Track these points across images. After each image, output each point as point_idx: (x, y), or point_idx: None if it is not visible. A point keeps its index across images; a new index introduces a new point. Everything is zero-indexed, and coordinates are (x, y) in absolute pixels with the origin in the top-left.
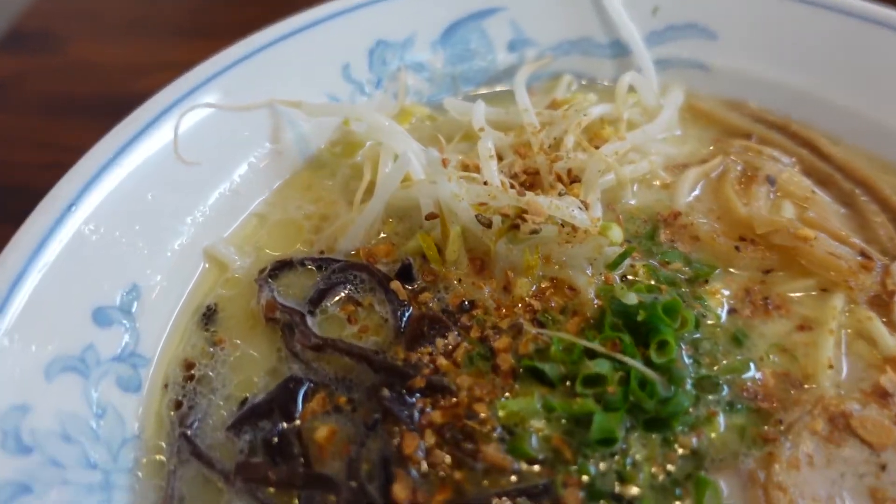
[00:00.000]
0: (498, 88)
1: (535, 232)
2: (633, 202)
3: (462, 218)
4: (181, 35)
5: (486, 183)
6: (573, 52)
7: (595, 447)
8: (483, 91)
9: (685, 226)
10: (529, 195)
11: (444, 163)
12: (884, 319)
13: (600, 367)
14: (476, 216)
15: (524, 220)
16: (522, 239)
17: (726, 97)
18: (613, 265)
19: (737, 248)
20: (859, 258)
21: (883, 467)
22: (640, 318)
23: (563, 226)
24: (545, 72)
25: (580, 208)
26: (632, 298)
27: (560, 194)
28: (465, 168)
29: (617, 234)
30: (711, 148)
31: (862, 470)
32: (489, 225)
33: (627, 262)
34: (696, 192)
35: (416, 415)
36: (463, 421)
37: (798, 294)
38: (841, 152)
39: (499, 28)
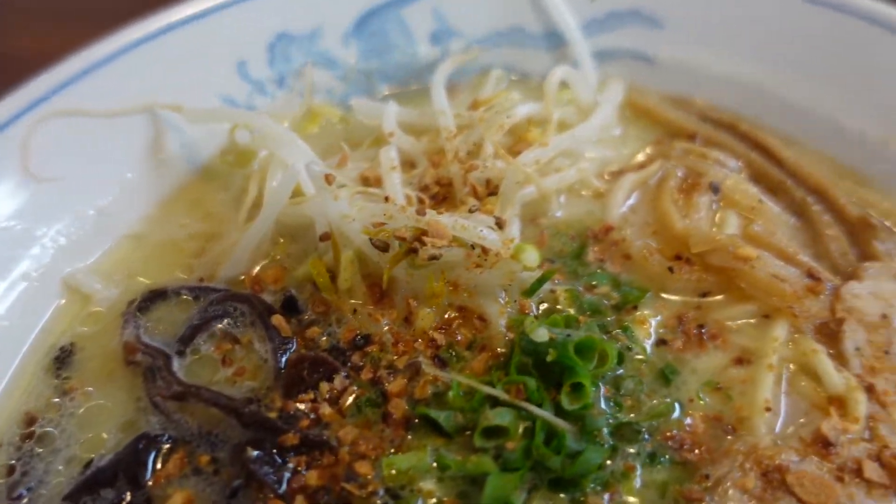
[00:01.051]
0: (417, 87)
1: (434, 258)
2: (560, 214)
3: (355, 241)
4: (55, 18)
5: (387, 199)
6: (504, 44)
7: None
8: (414, 88)
9: (617, 242)
10: (431, 214)
11: (328, 179)
12: (831, 351)
13: (501, 417)
14: (370, 240)
15: (423, 243)
16: (424, 264)
17: (672, 92)
18: (530, 292)
19: (670, 269)
20: (806, 280)
21: None
22: (549, 358)
23: (472, 248)
24: (473, 66)
25: (492, 227)
26: (542, 335)
27: (471, 210)
28: (366, 181)
29: (532, 257)
30: (649, 151)
31: None
32: (385, 249)
33: (547, 286)
34: (632, 202)
35: (287, 478)
36: (341, 484)
37: (737, 322)
38: (794, 156)
39: (420, 18)
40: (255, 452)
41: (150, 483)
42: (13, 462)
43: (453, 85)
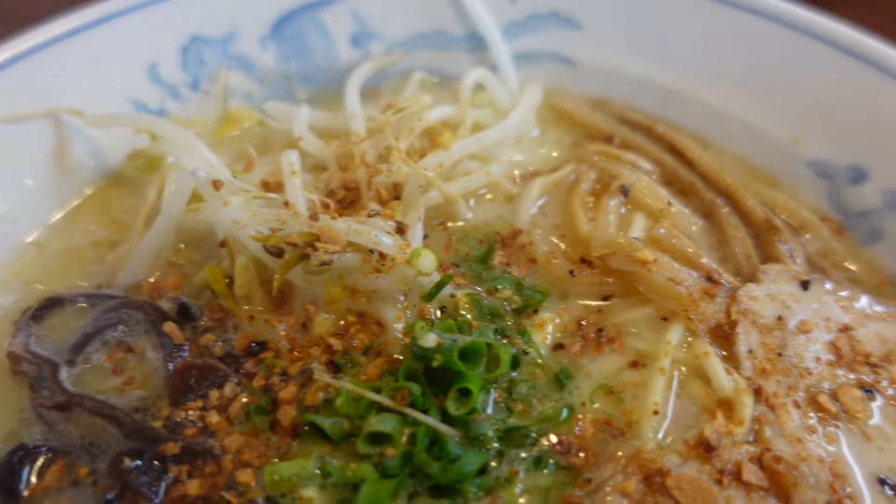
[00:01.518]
0: (338, 90)
1: (325, 263)
2: (470, 217)
3: (250, 247)
4: None
5: (287, 204)
6: (426, 47)
7: None
8: (335, 91)
9: (524, 246)
10: (324, 220)
11: (216, 185)
12: (724, 353)
13: (384, 423)
14: (264, 246)
15: (315, 248)
16: (319, 270)
17: (592, 94)
18: (429, 297)
19: (571, 272)
20: (704, 283)
21: None
22: (435, 363)
23: (371, 253)
24: (395, 69)
25: (389, 232)
26: (430, 340)
27: (370, 215)
28: (267, 186)
29: (427, 262)
30: (555, 154)
31: None
32: (279, 255)
33: (449, 291)
34: (542, 203)
35: (164, 487)
36: (220, 491)
37: (637, 326)
38: (708, 158)
39: (339, 20)
40: (134, 462)
41: (25, 495)
42: None
43: (374, 89)
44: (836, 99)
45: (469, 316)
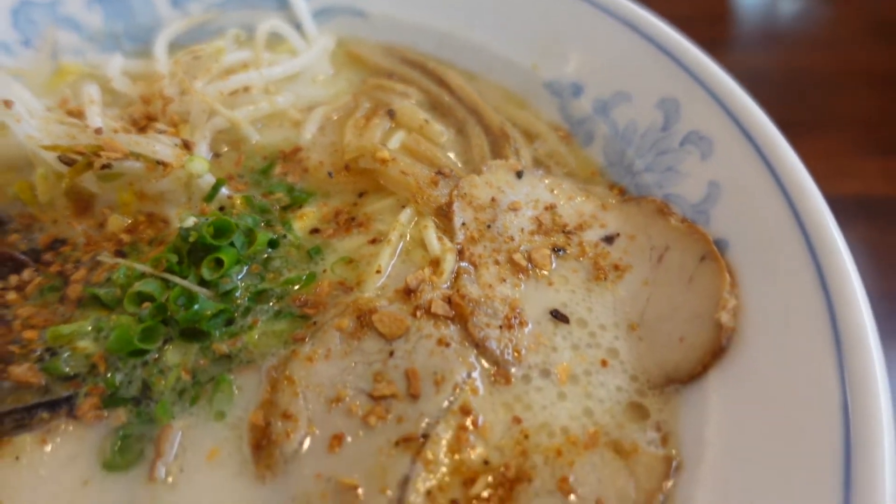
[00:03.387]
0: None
1: (106, 166)
2: (259, 139)
3: (47, 159)
4: None
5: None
6: (240, 7)
7: (125, 359)
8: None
9: (301, 160)
10: (108, 133)
11: (7, 104)
12: (444, 228)
13: (146, 285)
14: (58, 156)
15: (98, 156)
16: (113, 176)
17: (383, 41)
18: (208, 198)
19: (329, 174)
20: (436, 175)
21: (391, 353)
22: (191, 238)
23: (158, 164)
24: (212, 27)
25: (167, 145)
26: (189, 221)
27: (158, 132)
28: (70, 113)
29: (199, 165)
30: (345, 90)
31: (373, 358)
32: (71, 164)
33: (226, 194)
34: (323, 127)
35: None
36: (7, 346)
37: (381, 213)
38: (470, 86)
39: None
40: None
41: None
42: None
43: (194, 44)
44: (563, 31)
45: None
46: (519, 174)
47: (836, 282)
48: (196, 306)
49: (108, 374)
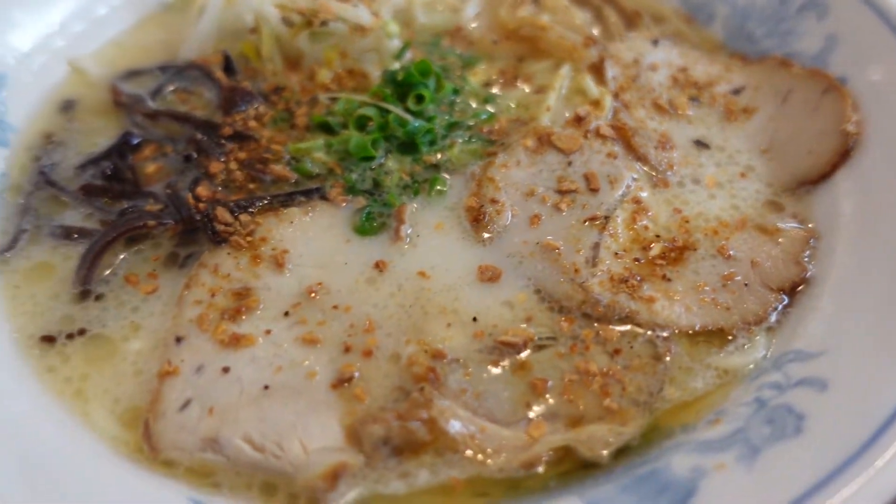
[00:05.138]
0: None
1: (325, 24)
2: (424, 20)
3: (271, 22)
4: None
5: None
6: None
7: (358, 163)
8: None
9: (465, 35)
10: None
11: None
12: (597, 78)
13: (367, 110)
14: (282, 17)
15: (317, 17)
16: (322, 38)
17: None
18: (398, 55)
19: (494, 41)
20: (585, 40)
21: (569, 163)
22: (400, 78)
23: (356, 29)
24: None
25: (367, 12)
26: (395, 65)
27: (354, 5)
28: None
29: (393, 28)
30: None
31: (555, 167)
32: (292, 24)
33: (408, 56)
34: (478, 12)
35: (223, 151)
36: (261, 155)
37: (541, 72)
38: None
39: None
40: (203, 137)
41: (132, 159)
42: (40, 154)
43: None
44: None
45: None
46: (655, 42)
47: None
48: (411, 125)
49: (345, 174)
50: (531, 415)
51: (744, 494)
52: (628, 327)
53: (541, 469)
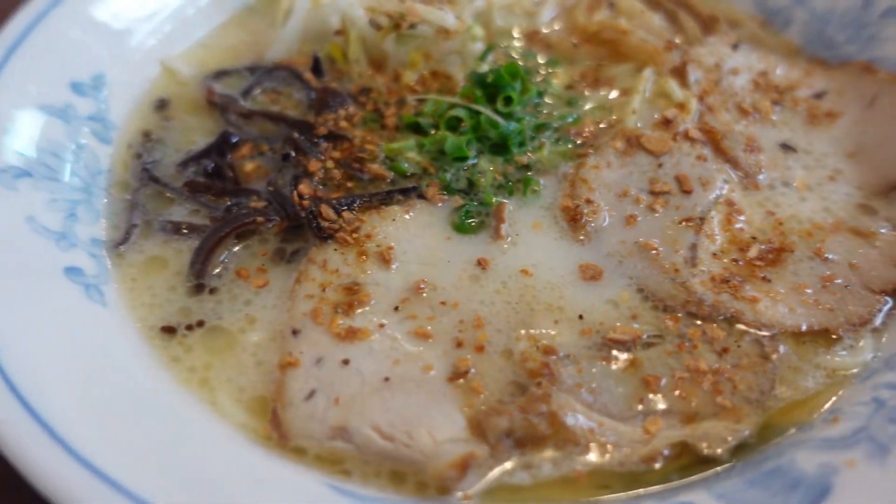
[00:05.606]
0: None
1: (412, 26)
2: (501, 23)
3: (358, 24)
4: None
5: None
6: None
7: (452, 163)
8: None
9: (542, 38)
10: (409, 2)
11: None
12: (680, 82)
13: (458, 111)
14: (370, 20)
15: (404, 19)
16: (407, 40)
17: None
18: (482, 57)
19: (575, 45)
20: (666, 44)
21: (660, 165)
22: (489, 80)
23: (441, 32)
24: None
25: (452, 15)
26: (484, 67)
27: (439, 8)
28: None
29: (478, 31)
30: None
31: (645, 168)
32: (379, 28)
33: (491, 58)
34: (555, 16)
35: (319, 149)
36: (356, 154)
37: (622, 75)
38: None
39: None
40: (300, 136)
41: (230, 157)
42: (141, 152)
43: None
44: None
45: None
46: (734, 46)
47: None
48: (501, 128)
49: (439, 174)
50: (644, 410)
51: (883, 491)
52: (733, 326)
53: (658, 465)
